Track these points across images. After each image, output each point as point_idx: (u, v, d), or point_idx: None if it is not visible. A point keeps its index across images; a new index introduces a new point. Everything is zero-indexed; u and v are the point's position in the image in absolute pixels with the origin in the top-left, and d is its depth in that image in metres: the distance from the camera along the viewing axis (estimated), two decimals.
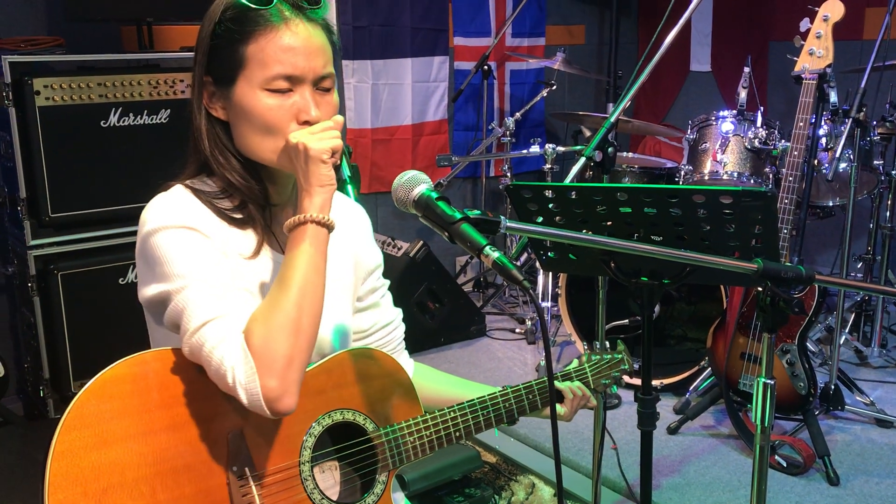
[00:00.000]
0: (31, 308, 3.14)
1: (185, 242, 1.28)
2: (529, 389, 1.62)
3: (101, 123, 3.12)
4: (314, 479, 1.36)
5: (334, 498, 1.40)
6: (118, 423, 1.20)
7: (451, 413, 1.51)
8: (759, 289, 1.34)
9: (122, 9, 3.24)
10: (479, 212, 1.21)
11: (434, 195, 1.24)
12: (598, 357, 1.77)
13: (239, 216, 1.37)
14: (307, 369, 1.34)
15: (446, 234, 1.20)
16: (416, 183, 1.27)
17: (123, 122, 3.16)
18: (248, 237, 1.38)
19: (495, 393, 1.59)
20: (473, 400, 1.55)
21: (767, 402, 1.37)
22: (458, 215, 1.20)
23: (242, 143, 1.36)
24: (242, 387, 1.19)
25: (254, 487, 1.27)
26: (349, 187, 2.05)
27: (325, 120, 1.32)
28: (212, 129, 1.37)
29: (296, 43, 1.30)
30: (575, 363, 1.76)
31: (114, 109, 3.13)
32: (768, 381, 1.37)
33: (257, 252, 1.37)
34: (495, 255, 1.14)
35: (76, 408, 1.18)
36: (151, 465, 1.21)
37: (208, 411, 1.27)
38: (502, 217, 1.23)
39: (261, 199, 1.39)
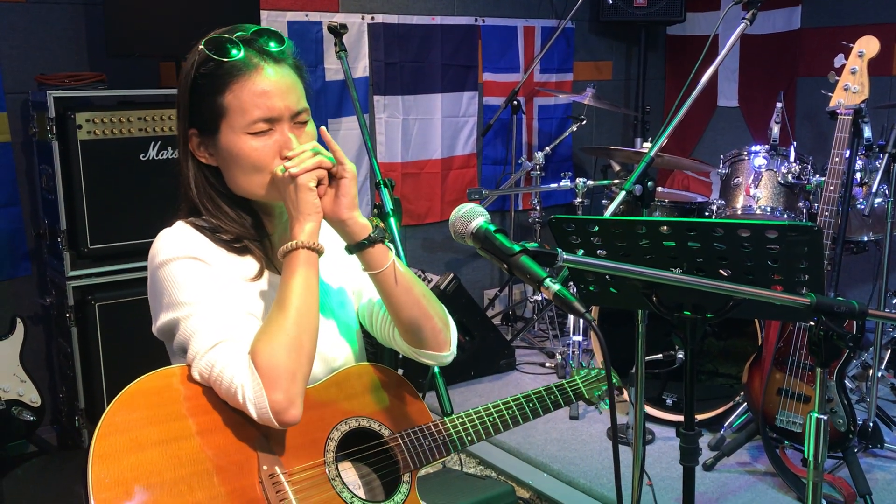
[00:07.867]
0: (68, 338, 3.18)
1: (189, 271, 1.38)
2: (539, 396, 1.74)
3: (140, 157, 3.17)
4: (342, 479, 1.42)
5: (362, 497, 1.46)
6: (149, 430, 1.28)
7: (460, 419, 1.61)
8: (811, 323, 1.33)
9: (162, 45, 3.31)
10: (536, 244, 1.22)
11: (492, 228, 1.25)
12: (585, 371, 1.91)
13: (238, 245, 1.46)
14: (318, 383, 1.46)
15: (505, 266, 1.21)
16: (473, 216, 1.29)
17: (162, 155, 3.21)
18: (249, 262, 1.47)
19: (508, 400, 1.70)
20: (487, 406, 1.66)
21: (820, 437, 1.36)
22: (517, 248, 1.22)
23: (233, 184, 1.45)
24: (252, 402, 1.29)
25: (286, 484, 1.34)
26: (392, 220, 2.07)
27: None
28: (200, 175, 1.47)
29: (268, 87, 1.39)
30: (573, 378, 1.91)
31: (152, 143, 3.19)
32: (821, 417, 1.36)
33: (259, 276, 1.47)
34: (556, 287, 1.15)
35: (108, 417, 1.26)
36: (186, 466, 1.28)
37: (232, 419, 1.34)
38: (559, 249, 1.24)
39: (254, 236, 1.48)
